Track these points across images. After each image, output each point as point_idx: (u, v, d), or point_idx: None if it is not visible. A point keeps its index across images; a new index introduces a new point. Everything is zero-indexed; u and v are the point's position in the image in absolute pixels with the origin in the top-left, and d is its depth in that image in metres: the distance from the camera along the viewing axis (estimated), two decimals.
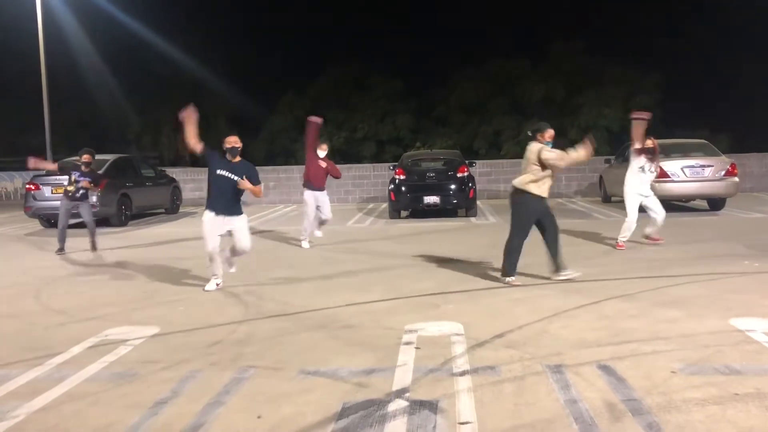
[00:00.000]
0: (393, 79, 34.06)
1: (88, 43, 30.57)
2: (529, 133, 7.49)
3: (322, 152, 11.10)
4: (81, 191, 10.78)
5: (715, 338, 5.04)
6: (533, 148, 7.20)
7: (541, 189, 7.15)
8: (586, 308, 6.14)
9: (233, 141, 7.39)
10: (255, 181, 7.40)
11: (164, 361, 4.90)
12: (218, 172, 7.27)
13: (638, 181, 9.62)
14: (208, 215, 7.29)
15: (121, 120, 34.24)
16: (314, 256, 9.91)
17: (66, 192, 10.87)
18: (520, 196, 7.22)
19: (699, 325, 5.41)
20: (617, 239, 9.64)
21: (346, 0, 43.76)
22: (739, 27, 28.67)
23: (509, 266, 7.28)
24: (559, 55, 32.29)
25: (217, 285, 7.46)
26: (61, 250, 10.84)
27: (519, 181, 7.22)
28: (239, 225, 7.39)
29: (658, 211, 9.69)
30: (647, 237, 9.85)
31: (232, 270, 7.76)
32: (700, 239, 10.40)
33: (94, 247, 10.83)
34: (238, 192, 7.35)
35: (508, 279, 7.26)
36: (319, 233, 11.46)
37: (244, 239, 7.44)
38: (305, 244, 10.83)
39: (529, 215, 7.21)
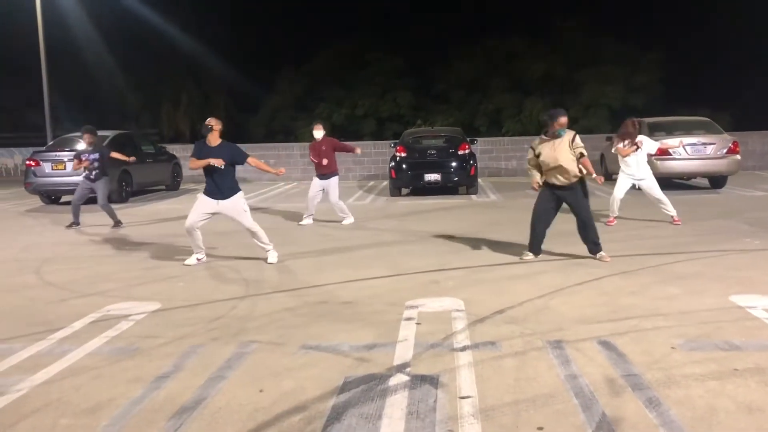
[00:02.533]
0: (393, 55, 33.80)
1: (86, 20, 30.28)
2: (545, 118, 7.41)
3: (318, 133, 10.78)
4: (95, 171, 10.75)
5: (715, 315, 5.06)
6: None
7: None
8: (586, 285, 6.15)
9: (208, 120, 7.49)
10: (240, 158, 7.49)
11: (165, 336, 4.92)
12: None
13: (628, 165, 9.65)
14: (203, 197, 7.51)
15: (121, 97, 34.04)
16: (314, 234, 9.91)
17: (86, 174, 10.88)
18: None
19: (699, 302, 5.43)
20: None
21: None
22: (741, 3, 28.34)
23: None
24: (560, 32, 31.99)
25: (198, 260, 7.62)
26: (75, 224, 10.88)
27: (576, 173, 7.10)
28: (234, 206, 7.46)
29: (660, 200, 9.71)
30: (673, 219, 9.76)
31: (271, 260, 7.64)
32: (700, 217, 10.39)
33: (116, 224, 10.82)
34: (225, 175, 7.39)
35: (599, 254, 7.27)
36: (304, 222, 10.96)
37: (244, 221, 7.53)
38: (304, 221, 10.84)
39: None
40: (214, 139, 7.41)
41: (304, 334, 4.88)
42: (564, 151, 6.97)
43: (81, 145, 14.37)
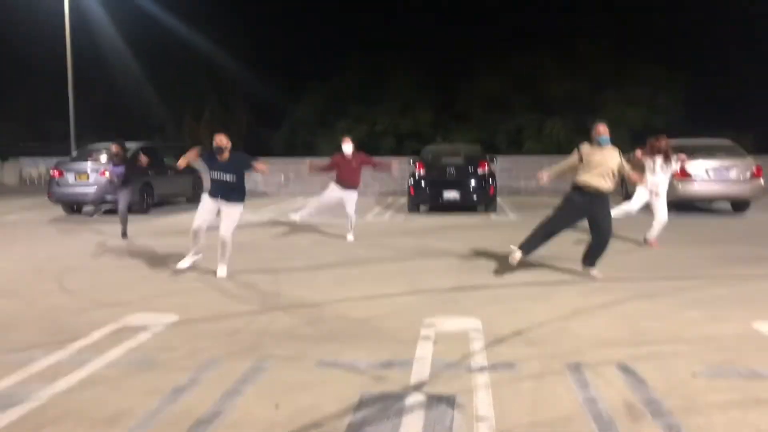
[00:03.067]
0: (415, 72, 33.97)
1: (113, 31, 30.84)
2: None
3: (347, 146, 10.65)
4: (121, 178, 11.04)
5: (738, 341, 4.98)
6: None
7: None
8: (606, 307, 6.09)
9: (218, 140, 7.62)
10: (247, 166, 7.75)
11: (183, 348, 4.94)
12: (212, 174, 7.67)
13: (653, 179, 9.67)
14: (206, 197, 7.78)
15: (145, 109, 34.53)
16: (333, 249, 9.92)
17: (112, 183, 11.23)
18: None
19: (721, 328, 5.35)
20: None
21: None
22: (764, 26, 28.18)
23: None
24: (583, 51, 31.97)
25: (192, 262, 7.92)
26: (124, 234, 11.07)
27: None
28: (229, 210, 7.66)
29: (658, 215, 9.66)
30: (646, 240, 9.79)
31: (220, 274, 7.70)
32: (722, 241, 10.27)
33: (123, 234, 10.98)
34: (234, 188, 7.65)
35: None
36: (296, 217, 11.17)
37: (225, 225, 7.65)
38: (350, 237, 10.72)
39: None
40: (225, 155, 7.63)
41: (321, 350, 4.88)
42: (614, 157, 7.16)
43: (104, 157, 14.64)
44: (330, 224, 11.61)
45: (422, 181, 14.85)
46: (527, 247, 7.40)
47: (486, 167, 14.90)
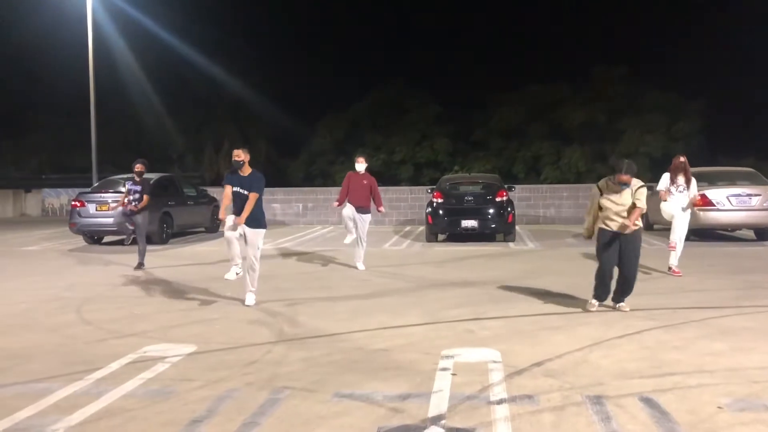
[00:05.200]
0: (431, 102, 34.19)
1: (134, 64, 31.43)
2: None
3: (360, 166, 10.56)
4: (134, 203, 10.84)
5: (764, 373, 4.86)
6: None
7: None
8: (627, 338, 5.99)
9: (236, 154, 7.73)
10: (254, 188, 7.69)
11: (201, 379, 4.92)
12: (234, 189, 7.70)
13: (670, 201, 9.58)
14: (230, 217, 7.73)
15: (165, 140, 34.97)
16: (351, 278, 9.90)
17: (125, 207, 10.97)
18: None
19: (747, 359, 5.23)
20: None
21: (385, 25, 44.39)
22: None
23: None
24: (601, 79, 32.00)
25: (237, 274, 7.74)
26: (141, 264, 10.96)
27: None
28: (251, 235, 7.67)
29: (678, 239, 9.54)
30: (670, 269, 9.60)
31: (249, 302, 7.75)
32: (746, 270, 10.10)
33: (139, 265, 10.86)
34: (255, 206, 7.64)
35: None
36: (348, 241, 10.73)
37: (250, 252, 7.68)
38: (360, 266, 10.66)
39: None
40: (245, 169, 7.72)
41: (338, 381, 4.84)
42: (626, 196, 6.93)
43: (122, 189, 14.79)
44: (350, 252, 11.58)
45: (440, 210, 14.83)
46: (602, 293, 7.25)
47: (504, 195, 14.87)
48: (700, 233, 13.84)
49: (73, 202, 15.35)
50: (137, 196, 10.87)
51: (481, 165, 30.69)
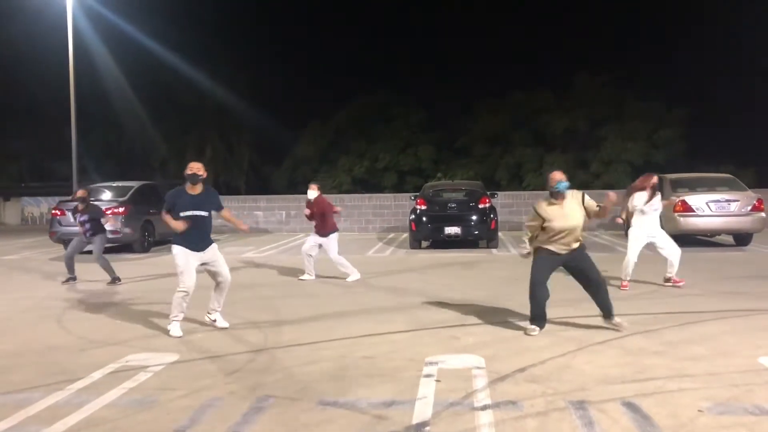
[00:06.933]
0: (415, 110, 34.31)
1: (115, 70, 31.20)
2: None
3: (312, 193, 10.39)
4: (89, 232, 10.36)
5: (744, 377, 4.92)
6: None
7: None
8: (609, 343, 6.03)
9: (195, 168, 6.78)
10: (218, 204, 6.96)
11: (183, 388, 4.89)
12: (186, 213, 6.61)
13: (642, 221, 9.16)
14: (181, 249, 6.62)
15: (147, 147, 34.72)
16: (334, 287, 9.88)
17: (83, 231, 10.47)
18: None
19: (727, 363, 5.29)
20: (621, 280, 9.21)
21: (369, 32, 44.57)
22: (765, 61, 28.51)
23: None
24: (583, 87, 32.27)
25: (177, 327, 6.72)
26: (72, 279, 10.54)
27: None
28: (213, 255, 6.81)
29: (671, 251, 9.16)
30: (667, 280, 9.32)
31: (221, 324, 7.01)
32: (726, 275, 10.23)
33: (113, 280, 10.33)
34: (210, 225, 6.87)
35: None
36: (306, 277, 10.49)
37: (224, 269, 6.89)
38: (305, 277, 10.46)
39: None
40: (197, 187, 6.77)
41: (322, 389, 4.82)
42: (575, 211, 6.34)
43: (106, 195, 14.67)
44: (330, 260, 11.56)
45: (423, 217, 14.87)
46: (539, 319, 6.55)
47: (487, 202, 14.94)
48: (680, 239, 13.96)
49: (53, 211, 15.22)
50: (88, 226, 10.33)
51: (464, 172, 30.80)
